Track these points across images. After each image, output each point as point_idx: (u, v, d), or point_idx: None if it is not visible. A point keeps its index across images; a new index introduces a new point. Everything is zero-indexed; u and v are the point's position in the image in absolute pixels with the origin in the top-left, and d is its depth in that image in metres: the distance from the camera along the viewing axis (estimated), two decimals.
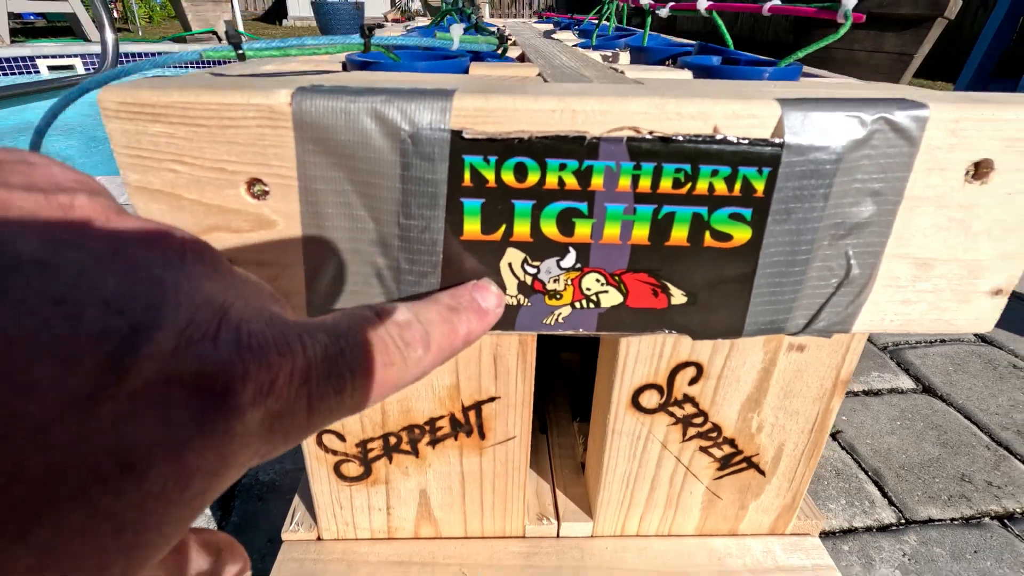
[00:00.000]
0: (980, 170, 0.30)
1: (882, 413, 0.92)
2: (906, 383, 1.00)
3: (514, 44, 0.69)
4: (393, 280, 0.31)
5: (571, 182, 0.28)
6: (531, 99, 0.27)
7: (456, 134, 0.27)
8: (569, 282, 0.32)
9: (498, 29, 0.50)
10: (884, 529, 0.72)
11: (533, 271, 0.31)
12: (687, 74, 0.42)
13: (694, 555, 0.51)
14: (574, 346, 0.75)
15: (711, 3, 0.51)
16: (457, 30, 0.38)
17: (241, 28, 6.49)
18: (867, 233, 0.31)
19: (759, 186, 0.29)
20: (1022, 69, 1.75)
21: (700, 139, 0.28)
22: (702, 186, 0.29)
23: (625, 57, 0.58)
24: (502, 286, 0.31)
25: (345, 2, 6.17)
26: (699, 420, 0.46)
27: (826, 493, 0.77)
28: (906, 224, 0.31)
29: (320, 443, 0.45)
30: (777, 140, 0.28)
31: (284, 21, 10.11)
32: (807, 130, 0.28)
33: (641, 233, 0.30)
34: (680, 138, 0.28)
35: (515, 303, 0.32)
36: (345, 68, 0.41)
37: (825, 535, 0.71)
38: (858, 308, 0.34)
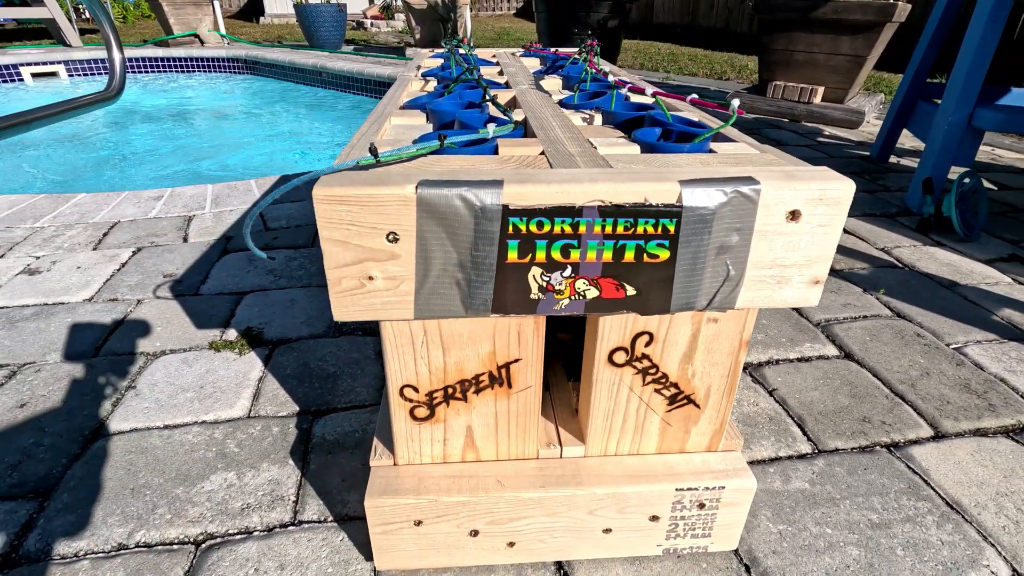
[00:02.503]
0: (795, 215, 0.53)
1: (810, 375, 1.17)
2: (831, 351, 1.25)
3: (513, 99, 0.92)
4: (466, 287, 0.54)
5: (567, 230, 0.51)
6: (544, 186, 0.50)
7: (505, 207, 0.50)
8: (567, 284, 0.55)
9: (509, 113, 0.72)
10: (801, 457, 0.96)
11: (547, 280, 0.54)
12: (636, 148, 0.65)
13: (653, 465, 0.74)
14: (567, 328, 0.98)
15: (655, 91, 0.74)
16: (492, 127, 0.60)
17: (223, 30, 6.55)
18: (736, 251, 0.54)
19: (671, 228, 0.52)
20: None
21: (638, 205, 0.51)
22: (640, 229, 0.52)
23: (598, 119, 0.81)
24: (529, 289, 0.54)
25: (328, 4, 6.28)
26: (653, 370, 0.69)
27: (760, 434, 1.01)
28: (758, 246, 0.55)
29: (402, 394, 0.68)
30: (678, 204, 0.51)
31: (261, 19, 10.13)
32: (695, 198, 0.51)
33: (608, 255, 0.53)
34: (627, 205, 0.51)
35: (536, 298, 0.55)
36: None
37: (757, 462, 0.95)
38: (737, 293, 0.57)
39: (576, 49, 1.51)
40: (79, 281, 1.47)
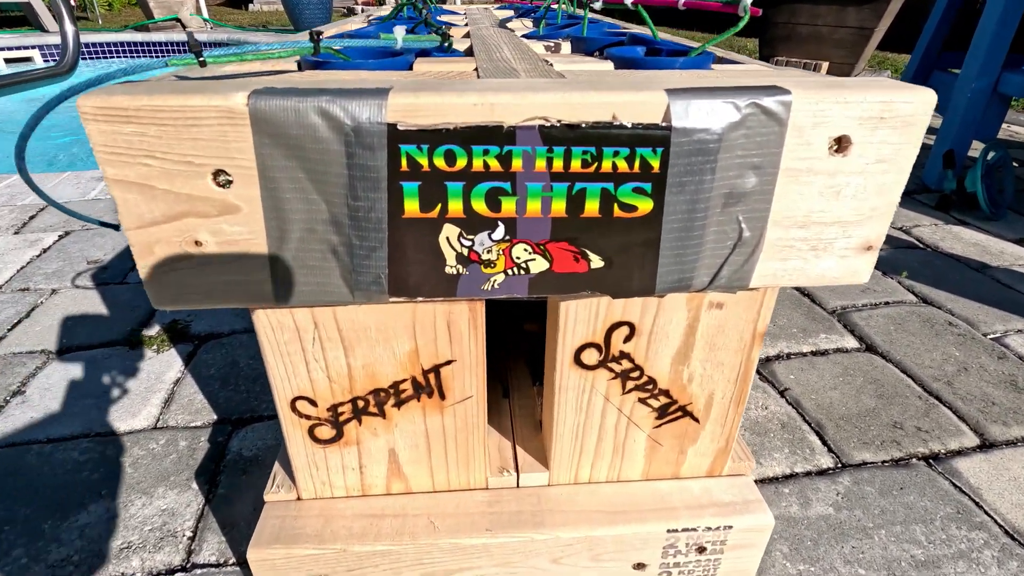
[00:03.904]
0: (841, 144, 0.35)
1: (827, 371, 0.99)
2: (851, 343, 1.07)
3: (466, 36, 0.73)
4: (347, 255, 0.36)
5: (495, 165, 0.33)
6: (455, 95, 0.32)
7: (392, 126, 0.32)
8: (501, 252, 0.37)
9: (443, 27, 0.54)
10: (822, 473, 0.79)
11: (468, 243, 0.36)
12: (608, 65, 0.47)
13: (639, 496, 0.57)
14: (536, 317, 0.80)
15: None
16: (400, 31, 0.42)
17: (205, 14, 6.33)
18: (753, 201, 0.36)
19: (655, 163, 0.34)
20: (969, 41, 1.82)
21: (601, 125, 0.33)
22: (607, 165, 0.34)
23: (567, 47, 0.62)
24: (442, 259, 0.36)
25: None
26: (636, 374, 0.51)
27: (772, 444, 0.84)
28: (785, 192, 0.36)
29: (294, 408, 0.50)
30: (665, 124, 0.33)
31: (251, 6, 9.84)
32: (690, 115, 0.33)
33: (559, 207, 0.35)
34: (584, 125, 0.32)
35: (455, 272, 0.37)
36: (300, 67, 0.45)
37: (768, 481, 0.78)
38: (753, 266, 0.39)
39: None
40: None
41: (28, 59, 5.43)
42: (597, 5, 0.62)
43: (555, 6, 1.08)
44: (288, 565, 0.51)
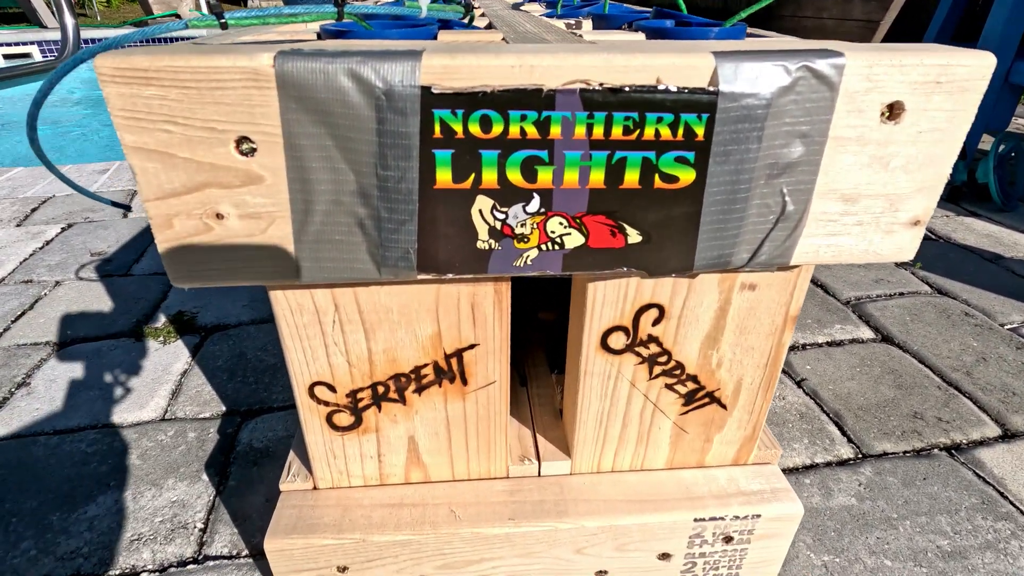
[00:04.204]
0: (893, 111, 0.34)
1: (843, 362, 0.98)
2: (866, 334, 1.06)
3: (482, 15, 0.72)
4: (375, 228, 0.34)
5: (532, 131, 0.32)
6: (492, 56, 0.30)
7: (426, 89, 0.30)
8: (535, 226, 0.35)
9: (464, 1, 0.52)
10: (843, 463, 0.78)
11: (502, 216, 0.34)
12: (640, 36, 0.45)
13: (664, 485, 0.55)
14: (551, 305, 0.78)
15: None
16: (425, 1, 0.40)
17: (205, 10, 6.30)
18: (798, 172, 0.35)
19: (699, 131, 0.32)
20: (978, 34, 1.81)
21: (645, 89, 0.31)
22: (649, 132, 0.32)
23: (588, 25, 0.61)
24: (474, 233, 0.35)
25: None
26: (663, 359, 0.50)
27: (791, 435, 0.82)
28: (832, 162, 0.35)
29: (312, 394, 0.48)
30: (712, 88, 0.31)
31: (250, 1, 9.80)
32: (739, 79, 0.31)
33: (598, 177, 0.33)
34: (627, 88, 0.31)
35: (487, 247, 0.35)
36: (319, 37, 0.43)
37: (788, 471, 0.76)
38: (795, 241, 0.38)
39: None
40: None
41: (27, 55, 5.40)
42: None
43: None
44: (306, 556, 0.50)
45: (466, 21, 0.50)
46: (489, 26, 0.58)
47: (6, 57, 5.30)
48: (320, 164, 0.32)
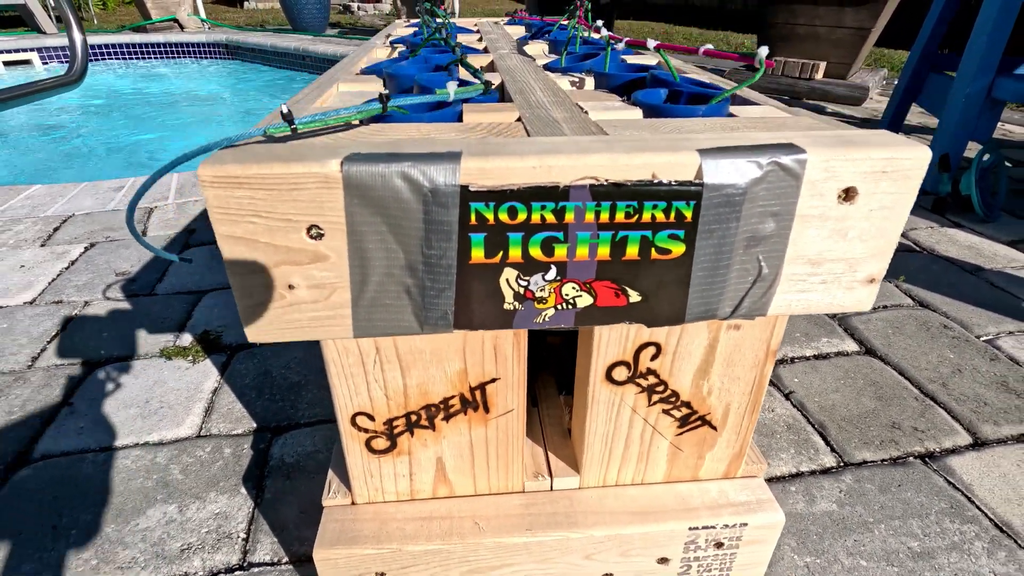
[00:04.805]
0: (848, 194, 0.40)
1: (829, 374, 1.05)
2: (851, 346, 1.13)
3: (486, 54, 0.78)
4: (419, 295, 0.41)
5: (550, 218, 0.38)
6: (517, 159, 0.37)
7: (464, 188, 0.37)
8: (552, 290, 0.42)
9: (481, 73, 0.59)
10: (826, 472, 0.85)
11: (525, 284, 0.41)
12: (637, 112, 0.52)
13: (662, 497, 0.62)
14: (558, 331, 0.85)
15: (658, 43, 0.61)
16: (452, 86, 0.47)
17: (203, 15, 6.34)
18: (771, 243, 0.42)
19: (688, 214, 0.39)
20: (969, 34, 1.87)
21: (643, 183, 0.38)
22: (647, 216, 0.39)
23: (590, 82, 0.67)
24: (501, 297, 0.41)
25: None
26: (661, 388, 0.57)
27: (778, 445, 0.90)
28: (799, 235, 0.42)
29: (354, 423, 0.55)
30: (698, 181, 0.38)
31: (246, 3, 9.82)
32: (719, 172, 0.38)
33: (604, 251, 0.40)
34: (629, 183, 0.38)
35: (512, 308, 0.42)
36: (363, 122, 0.50)
37: (776, 479, 0.83)
38: (770, 297, 0.45)
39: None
40: (21, 282, 1.33)
41: (27, 62, 5.44)
42: (620, 46, 0.67)
43: (566, 23, 1.13)
44: (349, 563, 0.57)
45: (480, 80, 0.56)
46: (502, 86, 0.65)
47: (6, 64, 5.34)
48: (375, 245, 0.39)
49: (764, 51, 0.49)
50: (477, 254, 0.39)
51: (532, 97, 0.57)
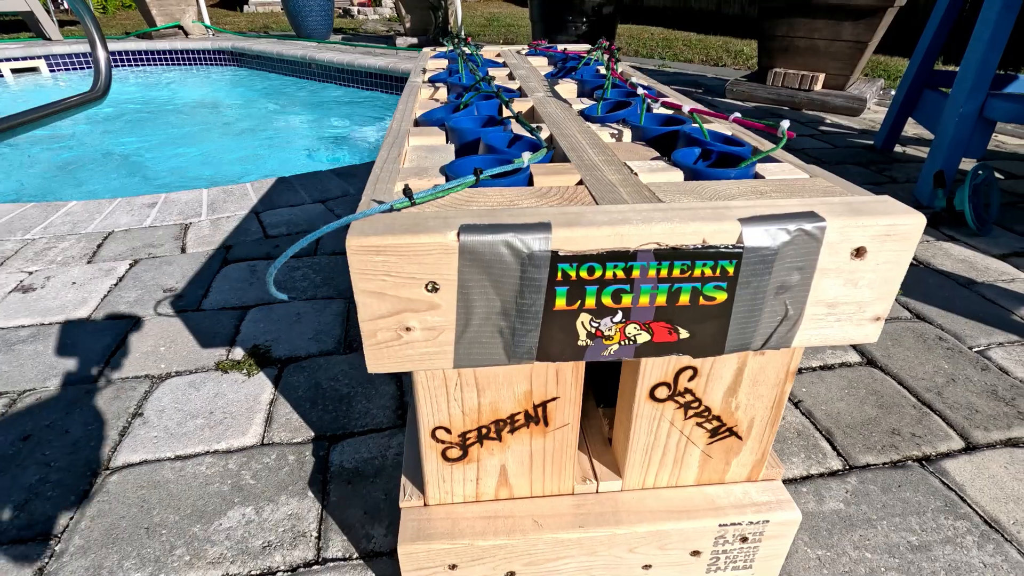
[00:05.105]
0: (859, 252, 0.50)
1: (834, 384, 1.15)
2: (854, 358, 1.22)
3: (533, 113, 0.87)
4: (510, 335, 0.50)
5: (620, 274, 0.48)
6: (595, 228, 0.46)
7: (554, 253, 0.46)
8: (617, 330, 0.51)
9: (537, 133, 0.68)
10: (833, 474, 0.94)
11: (596, 325, 0.50)
12: (679, 174, 0.61)
13: (694, 498, 0.71)
14: None
15: (692, 107, 0.70)
16: (527, 156, 0.56)
17: (207, 21, 6.40)
18: (796, 291, 0.51)
19: (730, 270, 0.48)
20: (967, 41, 1.96)
21: (696, 248, 0.47)
22: (697, 272, 0.48)
23: (627, 134, 0.77)
24: (576, 336, 0.51)
25: None
26: (696, 404, 0.66)
27: (790, 450, 0.99)
28: (819, 284, 0.51)
29: (433, 435, 0.64)
30: (739, 246, 0.47)
31: (246, 7, 9.89)
32: (757, 238, 0.47)
33: (661, 299, 0.50)
34: (684, 248, 0.47)
35: (584, 344, 0.51)
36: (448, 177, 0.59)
37: (790, 481, 0.93)
38: (795, 333, 0.54)
39: (583, 47, 1.46)
40: (75, 298, 1.42)
41: (35, 69, 5.51)
42: (656, 106, 0.76)
43: (587, 57, 1.22)
44: (428, 557, 0.66)
45: (541, 143, 0.65)
46: (551, 140, 0.74)
47: (14, 72, 5.40)
48: (479, 296, 0.48)
49: (786, 124, 0.58)
50: (560, 303, 0.48)
51: (585, 156, 0.66)
